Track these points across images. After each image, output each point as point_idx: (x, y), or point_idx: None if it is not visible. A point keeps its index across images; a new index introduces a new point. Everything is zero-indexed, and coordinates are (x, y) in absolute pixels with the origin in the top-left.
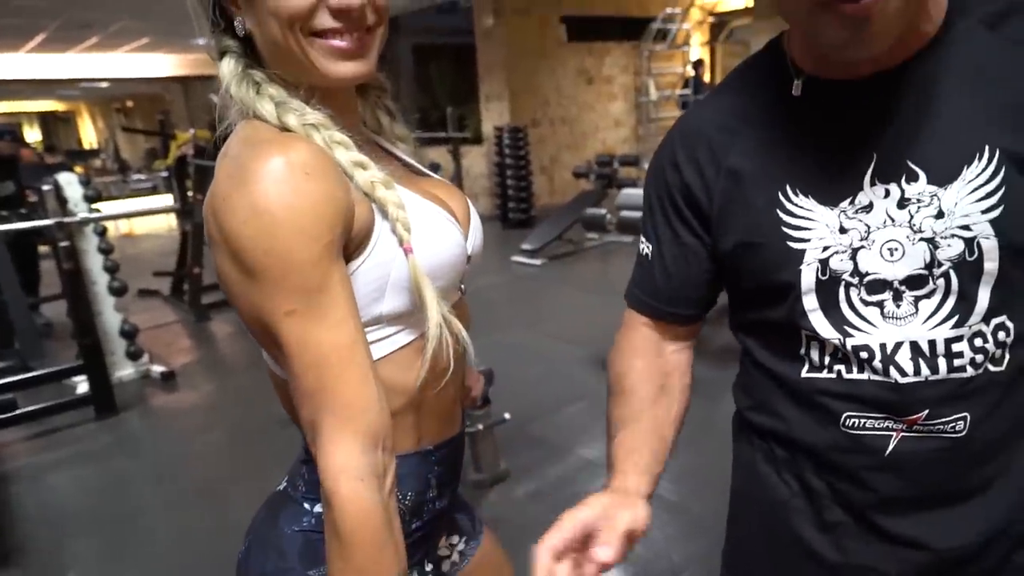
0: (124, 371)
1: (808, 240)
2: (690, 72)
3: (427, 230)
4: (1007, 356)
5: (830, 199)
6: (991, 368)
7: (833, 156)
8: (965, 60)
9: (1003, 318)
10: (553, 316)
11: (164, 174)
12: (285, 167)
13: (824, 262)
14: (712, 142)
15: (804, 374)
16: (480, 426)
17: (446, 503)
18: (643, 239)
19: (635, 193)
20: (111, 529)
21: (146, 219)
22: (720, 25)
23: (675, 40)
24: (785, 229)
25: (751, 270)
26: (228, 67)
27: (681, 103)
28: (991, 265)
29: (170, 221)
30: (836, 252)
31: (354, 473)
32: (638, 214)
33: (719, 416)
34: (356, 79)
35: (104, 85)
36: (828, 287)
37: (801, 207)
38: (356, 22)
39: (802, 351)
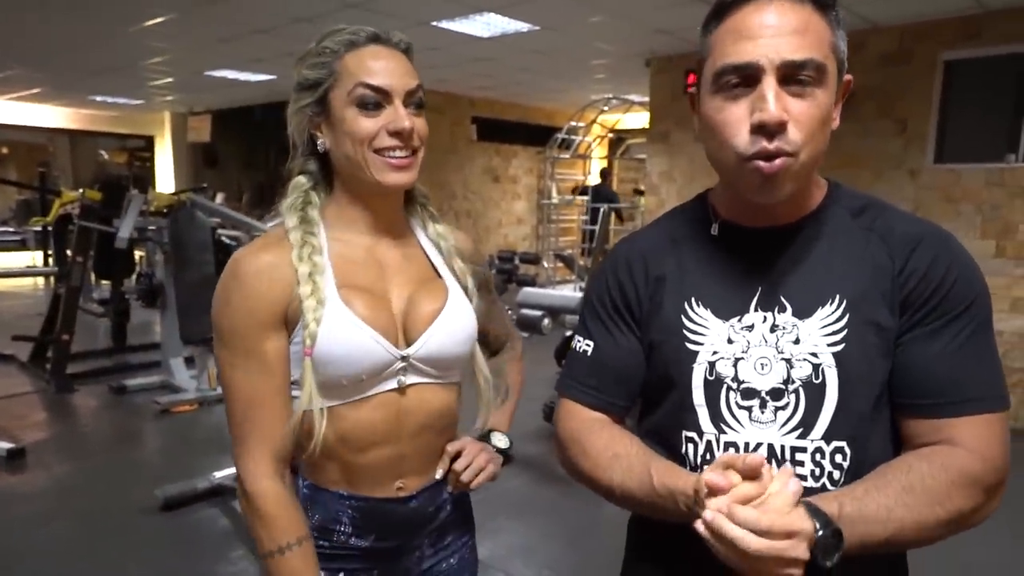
0: None
1: (702, 344)
2: (590, 181)
3: (338, 338)
4: (843, 480)
5: (724, 314)
6: (829, 487)
7: (731, 283)
8: (832, 233)
9: (843, 443)
10: None
11: (37, 229)
12: (241, 266)
13: (712, 364)
14: (646, 258)
15: None
16: None
17: (367, 544)
18: (580, 338)
19: (535, 292)
20: None
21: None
22: (619, 141)
23: (577, 150)
24: (685, 332)
25: (657, 363)
26: (296, 184)
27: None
28: (832, 392)
29: (36, 280)
30: (722, 358)
31: (267, 474)
32: (537, 313)
33: (604, 516)
34: (402, 186)
35: None
36: (713, 387)
37: (700, 316)
38: (406, 140)
39: (682, 451)
